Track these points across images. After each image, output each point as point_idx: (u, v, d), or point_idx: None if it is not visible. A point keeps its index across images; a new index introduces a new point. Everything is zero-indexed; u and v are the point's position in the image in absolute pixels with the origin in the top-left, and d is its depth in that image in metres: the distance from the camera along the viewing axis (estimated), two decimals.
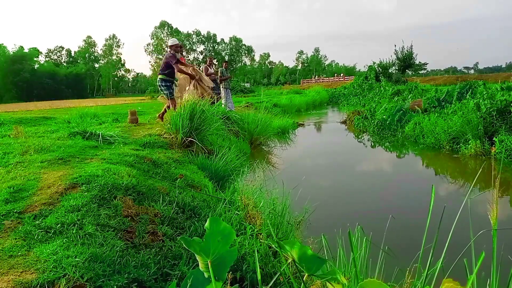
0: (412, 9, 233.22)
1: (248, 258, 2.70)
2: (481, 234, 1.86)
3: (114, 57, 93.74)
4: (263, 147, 11.40)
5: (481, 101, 10.06)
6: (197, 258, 1.46)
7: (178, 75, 9.50)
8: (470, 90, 12.86)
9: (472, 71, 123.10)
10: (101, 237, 2.58)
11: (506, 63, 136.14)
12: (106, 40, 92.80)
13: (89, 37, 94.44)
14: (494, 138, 8.66)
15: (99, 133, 6.04)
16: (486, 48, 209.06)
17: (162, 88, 9.14)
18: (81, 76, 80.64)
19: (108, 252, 2.39)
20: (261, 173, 5.01)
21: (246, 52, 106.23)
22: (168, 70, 8.99)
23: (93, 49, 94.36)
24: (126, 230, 2.82)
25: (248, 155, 9.23)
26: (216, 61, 71.26)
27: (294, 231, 3.74)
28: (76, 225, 2.66)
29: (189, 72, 9.36)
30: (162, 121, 8.50)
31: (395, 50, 33.64)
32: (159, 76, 9.23)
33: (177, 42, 9.46)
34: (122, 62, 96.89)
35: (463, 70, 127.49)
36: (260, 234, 3.10)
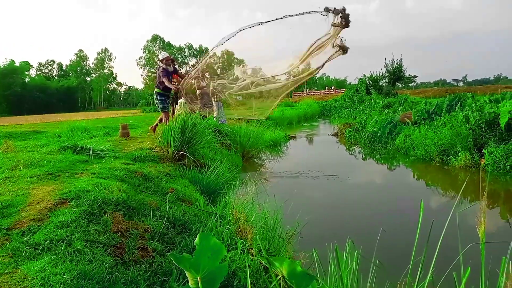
0: (403, 23, 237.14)
1: (239, 273, 2.68)
2: (471, 246, 1.87)
3: (106, 71, 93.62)
4: (255, 159, 11.39)
5: (470, 113, 10.19)
6: (186, 274, 1.45)
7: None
8: (459, 102, 13.03)
9: (461, 84, 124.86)
10: (90, 253, 2.55)
11: (494, 75, 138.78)
12: (98, 53, 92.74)
13: (80, 50, 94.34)
14: (483, 150, 8.76)
15: (89, 147, 6.00)
16: (474, 60, 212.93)
17: (157, 101, 9.36)
18: (72, 89, 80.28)
19: (97, 268, 2.36)
20: (253, 186, 5.00)
21: (238, 65, 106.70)
22: (163, 85, 9.13)
23: (84, 62, 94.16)
24: (115, 246, 2.79)
25: (240, 168, 9.22)
26: (209, 75, 71.38)
27: (286, 245, 3.73)
28: (65, 241, 2.63)
29: (173, 87, 9.37)
30: (154, 133, 8.54)
31: (385, 63, 34.11)
32: (155, 90, 9.46)
33: (167, 55, 9.56)
34: (114, 75, 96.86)
35: (452, 83, 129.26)
36: (252, 249, 3.09)
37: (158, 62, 9.84)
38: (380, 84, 33.08)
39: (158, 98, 9.26)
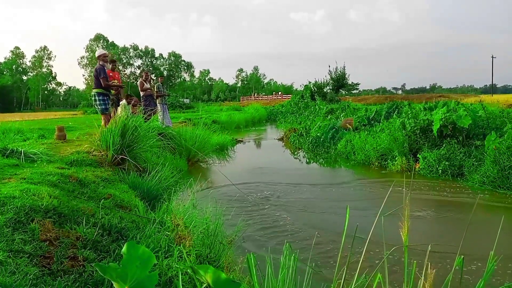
0: (346, 34, 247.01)
1: (175, 281, 2.62)
2: (397, 248, 1.96)
3: (44, 70, 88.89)
4: (201, 164, 11.29)
5: (406, 120, 10.76)
6: (114, 284, 1.39)
7: None
8: (397, 109, 13.75)
9: (400, 92, 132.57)
10: (14, 264, 2.38)
11: (430, 84, 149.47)
12: (37, 51, 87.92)
13: (17, 48, 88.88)
14: (418, 155, 9.29)
15: (21, 150, 5.63)
16: (413, 70, 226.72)
17: (98, 102, 8.52)
18: (7, 88, 75.43)
19: (20, 280, 2.21)
20: (196, 191, 4.93)
21: (185, 68, 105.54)
22: (104, 83, 8.44)
23: (21, 60, 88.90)
24: (43, 256, 2.62)
25: (185, 172, 9.08)
26: (154, 76, 70.03)
27: (226, 250, 3.70)
28: None
29: (116, 84, 8.93)
30: None
31: (329, 70, 35.17)
32: (94, 90, 8.62)
33: (104, 52, 8.89)
34: (54, 75, 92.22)
35: (392, 91, 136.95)
36: (190, 255, 3.03)
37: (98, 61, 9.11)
38: (325, 90, 34.06)
39: (100, 98, 8.45)
